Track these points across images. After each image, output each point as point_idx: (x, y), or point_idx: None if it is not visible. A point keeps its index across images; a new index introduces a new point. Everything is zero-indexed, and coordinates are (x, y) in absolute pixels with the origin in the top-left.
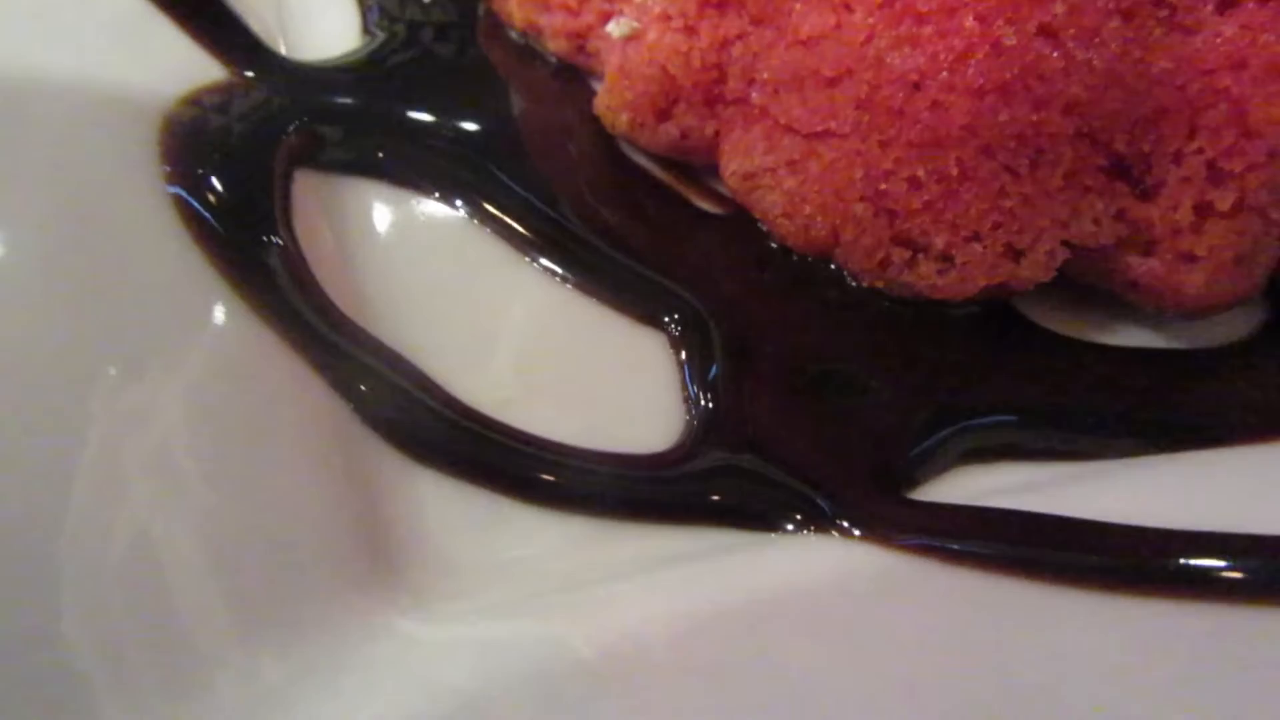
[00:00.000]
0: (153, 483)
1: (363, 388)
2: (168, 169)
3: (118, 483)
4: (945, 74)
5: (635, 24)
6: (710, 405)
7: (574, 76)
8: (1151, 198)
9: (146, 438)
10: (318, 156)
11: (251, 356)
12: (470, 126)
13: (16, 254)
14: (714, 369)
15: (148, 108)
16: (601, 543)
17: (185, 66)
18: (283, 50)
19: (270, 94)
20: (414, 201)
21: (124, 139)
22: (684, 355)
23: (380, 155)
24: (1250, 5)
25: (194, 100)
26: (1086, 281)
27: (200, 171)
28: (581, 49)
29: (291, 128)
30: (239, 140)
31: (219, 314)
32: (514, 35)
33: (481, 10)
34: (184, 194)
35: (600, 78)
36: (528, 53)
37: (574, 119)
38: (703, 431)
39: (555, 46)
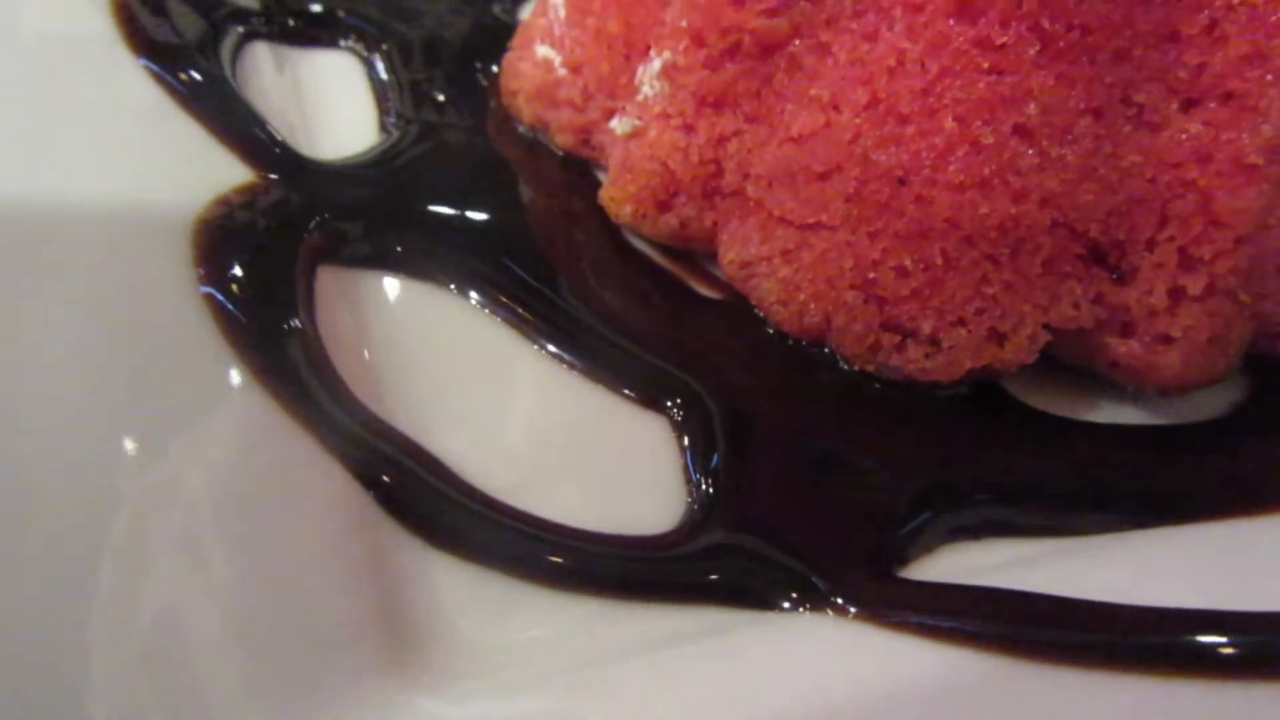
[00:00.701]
0: (178, 561)
1: (382, 476)
2: (201, 271)
3: (144, 560)
4: (928, 170)
5: (637, 122)
6: (710, 490)
7: (580, 168)
8: (1127, 282)
9: (173, 518)
10: (339, 252)
11: (275, 443)
12: (482, 218)
13: (58, 349)
14: (715, 457)
15: (179, 211)
16: (610, 622)
17: (213, 169)
18: (304, 149)
19: (293, 193)
20: (430, 292)
21: (157, 243)
22: (686, 441)
23: (399, 249)
24: (1212, 104)
25: (222, 202)
26: (1070, 361)
27: (229, 272)
28: (586, 142)
29: (313, 224)
30: (265, 240)
31: (245, 403)
32: (522, 129)
33: (491, 106)
34: (215, 293)
35: (604, 168)
36: (536, 146)
37: (580, 208)
38: (703, 515)
39: (562, 140)
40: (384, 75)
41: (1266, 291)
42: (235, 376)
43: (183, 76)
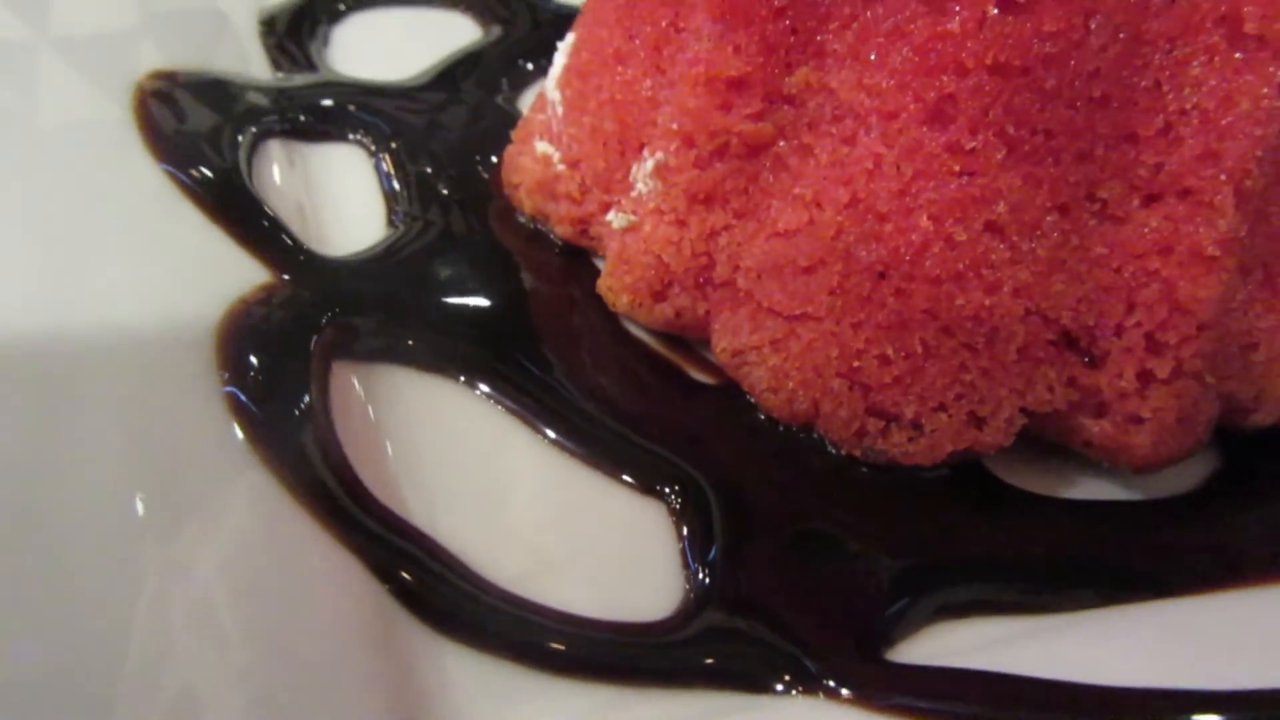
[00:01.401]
0: (199, 644)
1: (396, 569)
2: (224, 374)
3: (166, 643)
4: (906, 265)
5: (632, 217)
6: (707, 577)
7: (579, 256)
8: (1099, 366)
9: (194, 604)
10: (352, 347)
11: (292, 536)
12: (487, 308)
13: (87, 449)
14: (713, 550)
15: (200, 314)
16: (613, 708)
17: (232, 270)
18: (316, 245)
19: (306, 291)
20: (438, 383)
21: (180, 346)
22: (684, 531)
23: (410, 343)
24: (1170, 200)
25: (241, 304)
26: (1048, 439)
27: (249, 373)
28: (585, 233)
29: (326, 322)
30: (282, 340)
31: (264, 498)
32: (523, 220)
33: (493, 197)
34: (237, 393)
35: (602, 256)
36: (537, 235)
37: (579, 295)
38: (699, 600)
39: (561, 231)
40: (390, 169)
41: (1230, 373)
42: (255, 473)
43: (201, 179)
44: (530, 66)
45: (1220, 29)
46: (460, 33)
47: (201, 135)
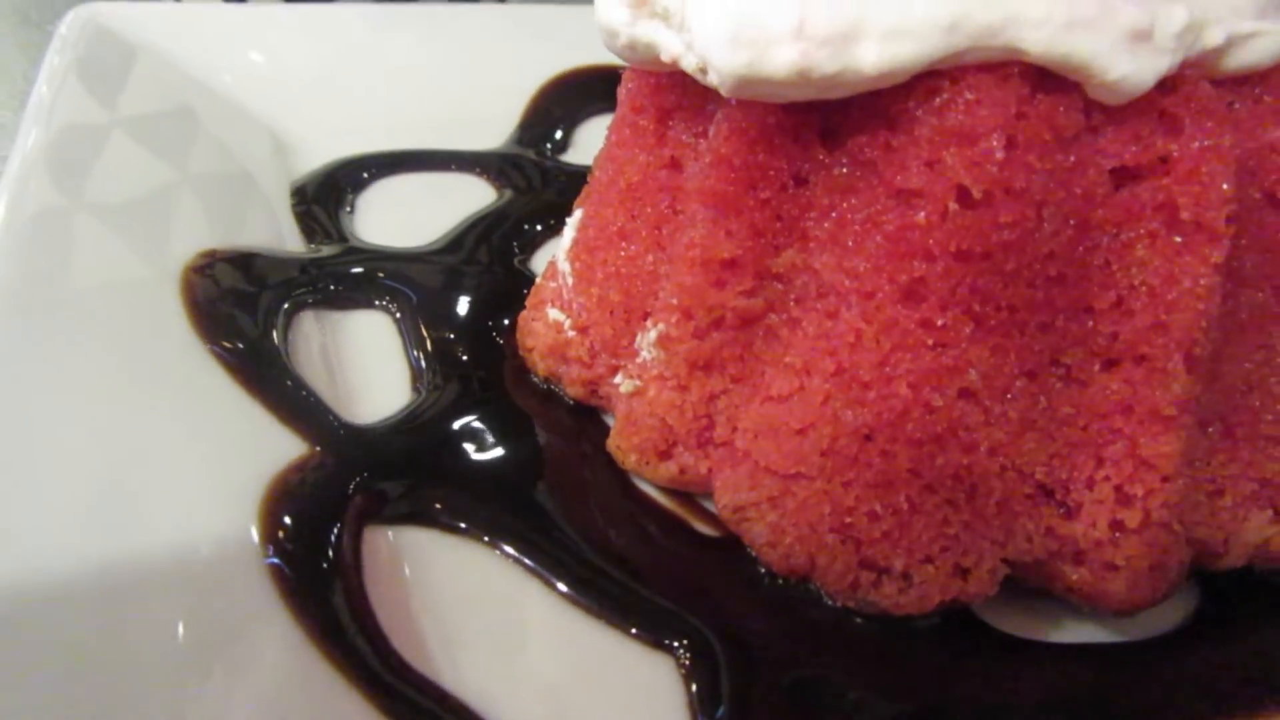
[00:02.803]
0: None
1: None
2: (268, 547)
3: None
4: (889, 428)
5: (638, 382)
6: None
7: (589, 414)
8: (1074, 516)
9: None
10: (381, 512)
11: (325, 696)
12: (506, 469)
13: (142, 607)
14: (720, 709)
15: (244, 489)
16: None
17: (273, 444)
18: (346, 413)
19: (339, 460)
20: (461, 543)
21: (226, 520)
22: (693, 687)
23: (437, 506)
24: (1127, 365)
25: (281, 478)
26: (1032, 586)
27: (288, 544)
28: (595, 393)
29: (358, 489)
30: (316, 509)
31: (303, 663)
32: (537, 380)
33: (509, 359)
34: (278, 563)
35: (611, 413)
36: (550, 395)
37: (590, 451)
38: None
39: (573, 391)
40: (413, 334)
41: (1199, 519)
42: (296, 638)
43: (240, 355)
44: (539, 228)
45: (1159, 216)
46: (476, 195)
47: (240, 313)
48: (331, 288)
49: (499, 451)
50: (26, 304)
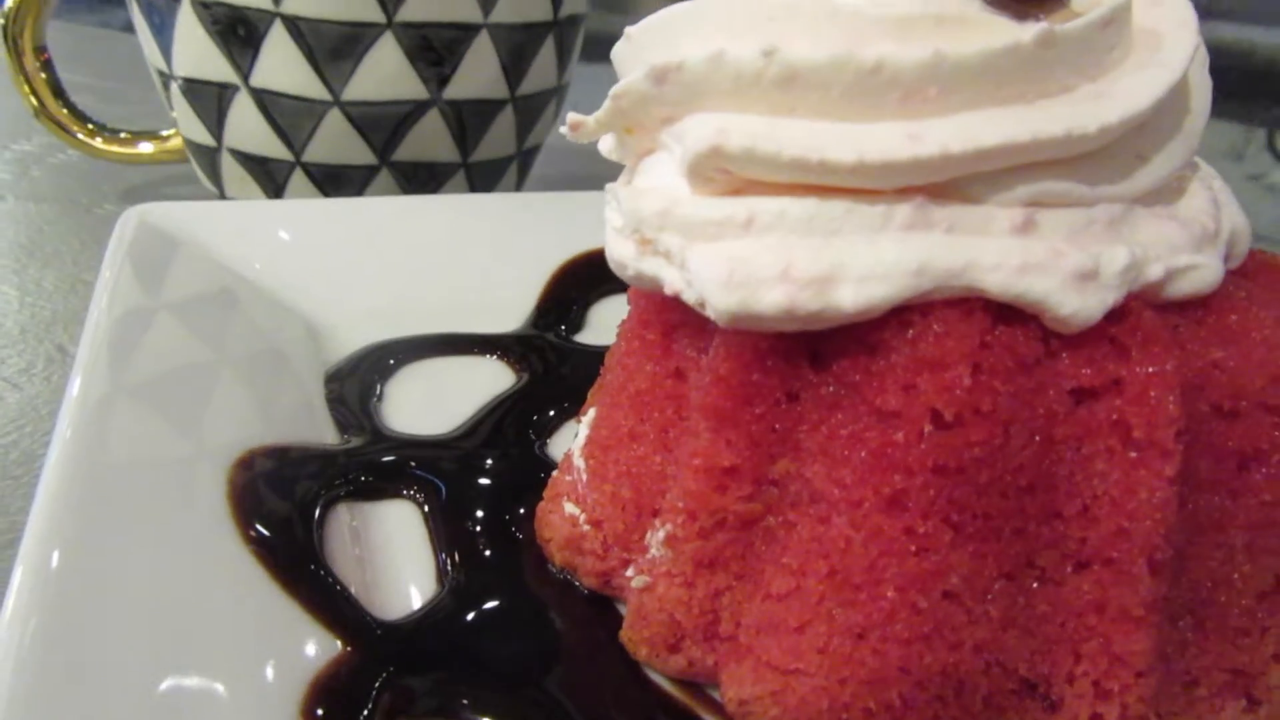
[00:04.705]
0: None
1: None
2: None
3: None
4: (880, 629)
5: (647, 578)
6: None
7: (604, 603)
8: (1057, 710)
9: None
10: (409, 709)
11: None
12: (526, 661)
13: None
14: None
15: (284, 689)
16: None
17: (305, 645)
18: (375, 608)
19: (368, 658)
20: None
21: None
22: None
23: (464, 702)
24: (1097, 567)
25: (319, 680)
26: None
27: None
28: (608, 584)
29: (386, 685)
30: (345, 710)
31: None
32: (554, 570)
33: (527, 550)
34: None
35: (624, 602)
36: (566, 585)
37: (604, 639)
38: None
39: (588, 582)
40: (438, 524)
41: (1176, 709)
42: None
43: (278, 553)
44: (553, 413)
45: (1115, 433)
46: (497, 378)
47: (278, 510)
48: (362, 479)
49: (520, 644)
50: (87, 478)
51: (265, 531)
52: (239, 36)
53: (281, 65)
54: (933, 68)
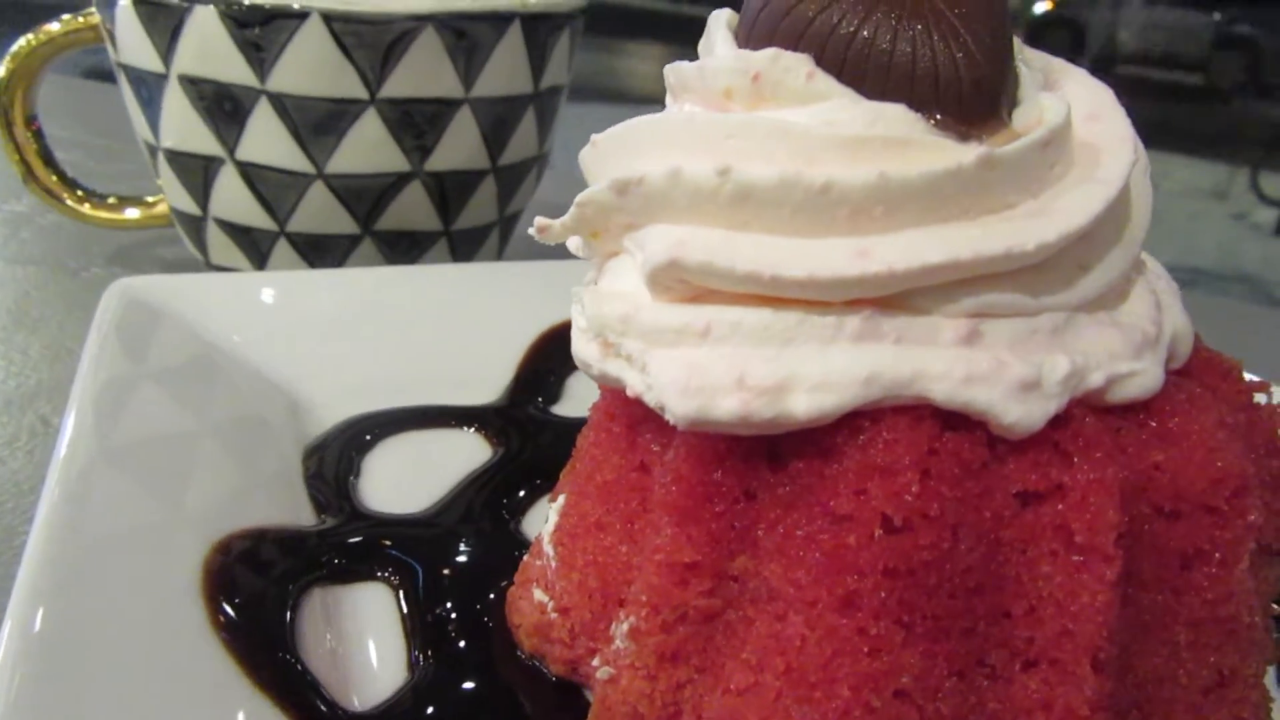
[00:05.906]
0: None
1: None
2: None
3: None
4: None
5: (611, 670)
6: None
7: (573, 690)
8: None
9: None
10: None
11: None
12: None
13: None
14: None
15: None
16: None
17: None
18: (344, 700)
19: None
20: None
21: None
22: None
23: None
24: (1044, 666)
25: None
26: None
27: None
28: (575, 671)
29: None
30: None
31: None
32: (522, 655)
33: (496, 635)
34: None
35: (592, 690)
36: (535, 671)
37: None
38: None
39: (556, 669)
40: (410, 608)
41: None
42: None
43: (251, 647)
44: (523, 493)
45: (1058, 537)
46: (473, 452)
47: (251, 598)
48: (336, 561)
49: None
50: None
51: (237, 619)
52: (225, 112)
53: (266, 139)
54: (879, 189)
